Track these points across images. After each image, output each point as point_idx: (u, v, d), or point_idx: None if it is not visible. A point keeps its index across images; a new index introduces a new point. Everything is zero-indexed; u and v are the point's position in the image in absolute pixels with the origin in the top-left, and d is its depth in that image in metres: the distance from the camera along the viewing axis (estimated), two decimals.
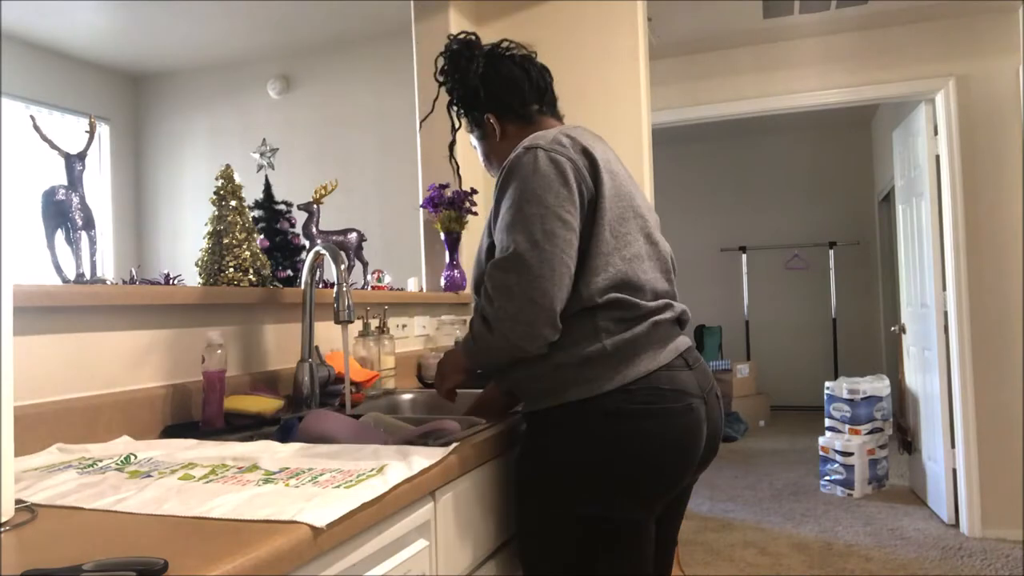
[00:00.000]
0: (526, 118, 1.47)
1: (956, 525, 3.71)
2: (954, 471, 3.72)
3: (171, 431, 1.37)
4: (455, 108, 1.52)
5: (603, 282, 1.23)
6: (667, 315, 1.30)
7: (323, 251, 1.58)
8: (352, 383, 1.77)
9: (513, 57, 1.49)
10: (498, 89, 1.46)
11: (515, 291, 1.17)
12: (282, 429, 1.34)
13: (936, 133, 3.76)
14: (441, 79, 1.50)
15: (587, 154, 1.28)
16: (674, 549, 1.49)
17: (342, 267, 1.51)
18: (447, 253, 2.57)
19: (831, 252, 7.21)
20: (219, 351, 1.41)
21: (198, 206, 5.03)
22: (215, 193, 1.68)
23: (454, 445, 1.15)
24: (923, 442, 4.12)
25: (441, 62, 1.50)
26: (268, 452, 1.11)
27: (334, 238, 2.03)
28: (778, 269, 7.48)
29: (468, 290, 2.62)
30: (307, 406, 1.63)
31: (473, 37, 1.49)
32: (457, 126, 1.55)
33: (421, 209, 2.72)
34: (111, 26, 4.42)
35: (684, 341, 1.34)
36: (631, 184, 1.38)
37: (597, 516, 1.22)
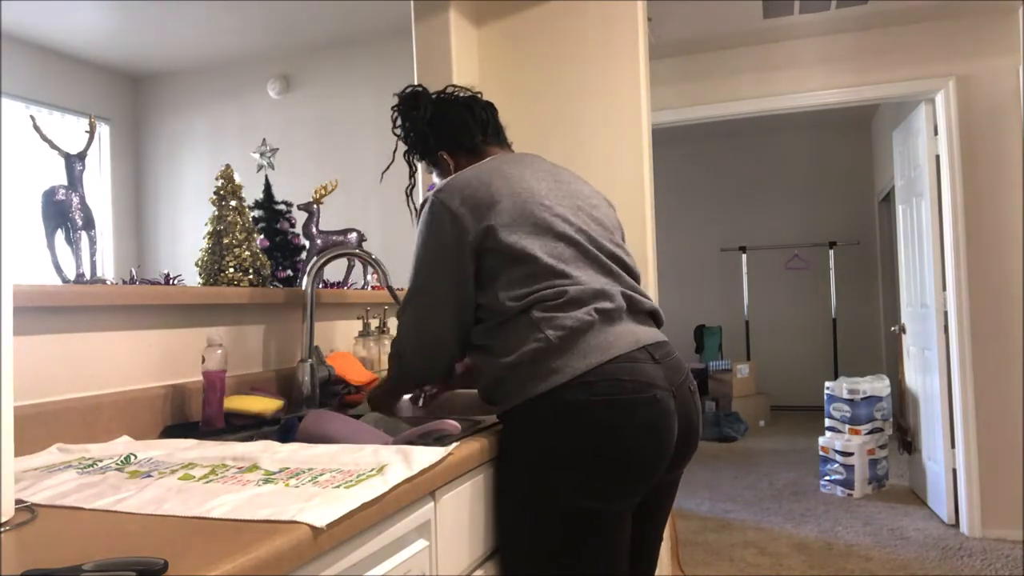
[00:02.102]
0: (473, 150, 1.61)
1: (956, 525, 3.71)
2: (954, 471, 3.72)
3: (171, 431, 1.37)
4: (413, 154, 1.67)
5: (522, 289, 1.32)
6: (607, 304, 1.32)
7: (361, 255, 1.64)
8: (352, 384, 1.77)
9: (457, 99, 1.65)
10: (447, 129, 1.61)
11: (399, 325, 1.44)
12: (282, 429, 1.34)
13: (936, 133, 3.76)
14: (398, 133, 1.67)
15: (480, 189, 1.38)
16: (658, 548, 1.49)
17: (382, 272, 1.69)
18: None
19: (831, 252, 7.21)
20: (219, 351, 1.41)
21: (198, 206, 5.03)
22: (215, 193, 1.68)
23: (454, 445, 1.15)
24: (923, 442, 4.12)
25: (393, 115, 1.67)
26: (268, 452, 1.11)
27: (334, 238, 2.02)
28: (778, 269, 7.48)
29: None
30: (307, 406, 1.63)
31: (420, 89, 1.65)
32: (414, 170, 1.70)
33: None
34: (111, 26, 4.42)
35: (651, 334, 1.35)
36: (557, 192, 1.44)
37: (570, 509, 1.23)
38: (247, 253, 1.66)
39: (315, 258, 1.74)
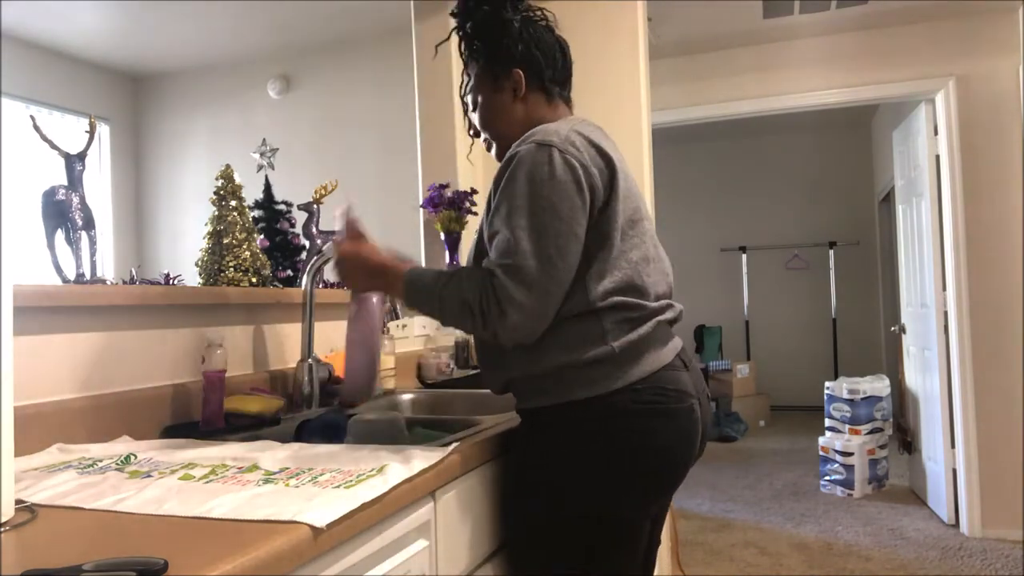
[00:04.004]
0: (548, 93, 1.37)
1: (956, 525, 3.71)
2: (954, 471, 3.72)
3: (171, 431, 1.37)
4: (482, 50, 1.35)
5: (609, 285, 1.21)
6: (668, 315, 1.30)
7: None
8: None
9: (549, 28, 1.39)
10: (535, 49, 1.34)
11: (525, 306, 1.14)
12: (303, 429, 1.33)
13: (936, 133, 3.76)
14: (471, 9, 1.34)
15: (603, 155, 1.24)
16: (657, 550, 1.49)
17: None
18: (447, 253, 2.57)
19: (831, 252, 7.20)
20: (219, 351, 1.41)
21: (198, 206, 5.03)
22: (215, 193, 1.68)
23: (454, 445, 1.15)
24: (923, 442, 4.12)
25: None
26: (268, 452, 1.11)
27: (334, 238, 2.02)
28: (778, 269, 7.48)
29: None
30: (307, 406, 1.63)
31: None
32: (474, 70, 1.38)
33: (421, 209, 2.72)
34: (111, 26, 4.42)
35: (678, 341, 1.34)
36: (636, 185, 1.36)
37: (597, 515, 1.21)
38: (247, 253, 1.66)
39: (315, 258, 1.74)
